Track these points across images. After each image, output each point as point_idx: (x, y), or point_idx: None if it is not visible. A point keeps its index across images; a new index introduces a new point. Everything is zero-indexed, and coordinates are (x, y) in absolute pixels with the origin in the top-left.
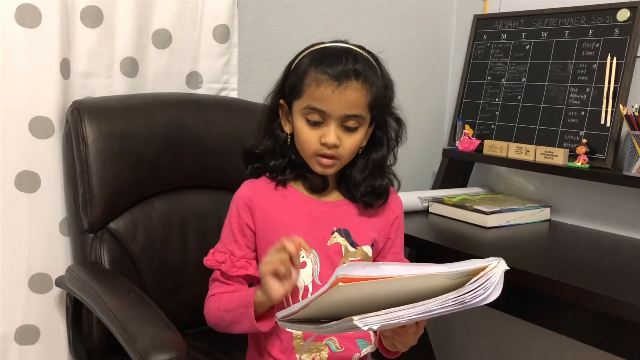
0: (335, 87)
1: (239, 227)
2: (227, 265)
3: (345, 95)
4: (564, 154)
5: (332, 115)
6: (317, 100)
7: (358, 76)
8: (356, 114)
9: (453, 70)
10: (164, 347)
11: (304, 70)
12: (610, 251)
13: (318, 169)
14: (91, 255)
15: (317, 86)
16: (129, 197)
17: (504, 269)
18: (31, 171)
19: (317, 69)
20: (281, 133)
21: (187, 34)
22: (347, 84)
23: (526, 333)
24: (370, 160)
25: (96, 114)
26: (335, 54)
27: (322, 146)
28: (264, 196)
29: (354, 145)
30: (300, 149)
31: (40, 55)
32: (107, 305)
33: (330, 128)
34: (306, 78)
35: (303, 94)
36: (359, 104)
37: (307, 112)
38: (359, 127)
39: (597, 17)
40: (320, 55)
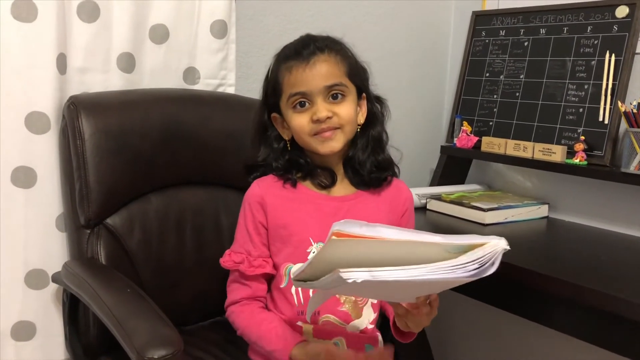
0: (305, 66)
1: (253, 226)
2: (245, 265)
3: (317, 69)
4: (562, 150)
5: (313, 91)
6: (294, 84)
7: (322, 50)
8: (335, 82)
9: (451, 67)
10: (160, 343)
11: (275, 71)
12: (608, 248)
13: (322, 148)
14: (88, 251)
15: (289, 74)
16: (126, 193)
17: (504, 248)
18: (27, 167)
19: (285, 62)
20: (277, 144)
21: (184, 30)
22: (314, 58)
23: (523, 330)
24: (370, 137)
25: (93, 110)
26: (296, 43)
27: (316, 124)
28: (274, 193)
29: (349, 112)
30: (299, 139)
31: (36, 50)
32: (103, 301)
33: (317, 104)
34: (279, 75)
35: (282, 89)
36: (334, 73)
37: (292, 102)
38: (346, 96)
39: (595, 14)
40: (283, 52)
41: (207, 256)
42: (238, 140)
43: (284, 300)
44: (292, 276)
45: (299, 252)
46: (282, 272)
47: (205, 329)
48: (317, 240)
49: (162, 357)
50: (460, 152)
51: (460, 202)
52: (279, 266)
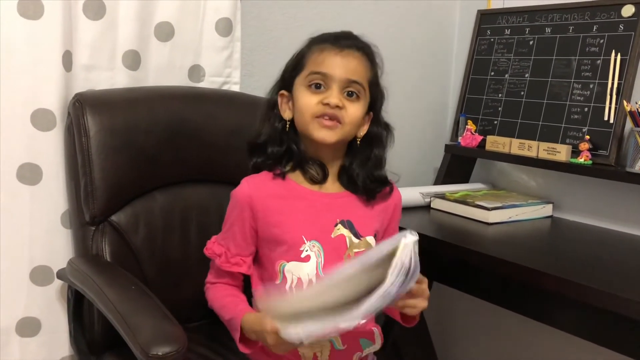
0: (338, 52)
1: (237, 224)
2: (222, 259)
3: (348, 60)
4: (567, 150)
5: (335, 77)
6: (320, 64)
7: (359, 48)
8: (358, 80)
9: (456, 66)
10: (165, 339)
11: (304, 48)
12: (613, 248)
13: (318, 134)
14: (93, 247)
15: (319, 53)
16: (131, 190)
17: (414, 241)
18: (33, 163)
19: (319, 44)
20: (278, 122)
21: (189, 27)
22: (350, 51)
23: (527, 329)
24: (371, 155)
25: (98, 107)
26: (336, 32)
27: (323, 106)
28: (264, 192)
29: (356, 114)
30: (299, 119)
31: (42, 48)
32: (108, 297)
33: (333, 90)
34: (307, 52)
35: (306, 65)
36: (361, 73)
37: (309, 80)
38: (360, 98)
39: (601, 13)
40: (320, 36)
41: None
42: (242, 137)
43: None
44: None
45: (292, 251)
46: (276, 269)
47: (209, 326)
48: (310, 238)
49: (167, 354)
50: (465, 151)
51: (464, 201)
52: (274, 263)
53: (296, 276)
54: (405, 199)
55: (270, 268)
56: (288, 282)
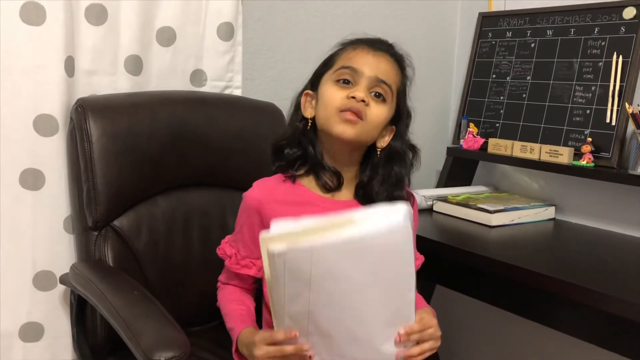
0: (371, 52)
1: (246, 227)
2: (232, 261)
3: (379, 60)
4: (569, 152)
5: (365, 74)
6: (352, 59)
7: (393, 55)
8: (387, 81)
9: (458, 68)
10: (167, 344)
11: (337, 49)
12: (615, 250)
13: (338, 127)
14: (95, 252)
15: (352, 50)
16: (133, 195)
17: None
18: (35, 169)
19: (353, 43)
20: (299, 122)
21: (191, 32)
22: (383, 54)
23: (530, 332)
24: (392, 173)
25: (100, 112)
26: (372, 36)
27: (348, 100)
28: (274, 196)
29: (380, 115)
30: (324, 110)
31: (44, 53)
32: (110, 302)
33: (360, 86)
34: (339, 51)
35: (336, 61)
36: (390, 76)
37: (338, 74)
38: (386, 102)
39: (603, 15)
40: (354, 37)
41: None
42: (244, 141)
43: None
44: None
45: None
46: None
47: (212, 330)
48: None
49: (169, 359)
50: (467, 154)
51: (466, 203)
52: None
53: None
54: None
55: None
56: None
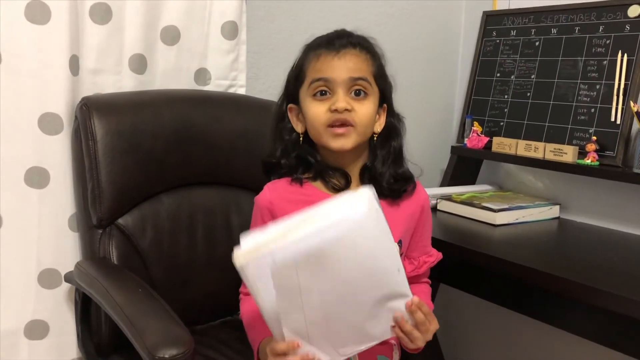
0: (334, 55)
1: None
2: None
3: (346, 60)
4: (574, 151)
5: (337, 80)
6: (319, 70)
7: (355, 45)
8: (361, 76)
9: (462, 67)
10: (171, 342)
11: (302, 58)
12: (620, 249)
13: (333, 143)
14: (100, 250)
15: (316, 60)
16: (138, 193)
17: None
18: (41, 167)
19: (314, 50)
20: (289, 135)
21: (195, 31)
22: (346, 50)
23: (534, 331)
24: (391, 149)
25: (105, 111)
26: (329, 34)
27: (332, 114)
28: (285, 198)
29: (367, 113)
30: (312, 130)
31: (49, 52)
32: (115, 300)
33: (338, 95)
34: (305, 62)
35: (306, 75)
36: (362, 69)
37: (313, 89)
38: (368, 95)
39: (607, 13)
40: (314, 41)
41: (218, 256)
42: (249, 140)
43: None
44: None
45: None
46: None
47: (216, 328)
48: None
49: (173, 357)
50: (471, 153)
51: (470, 202)
52: None
53: None
54: None
55: None
56: None
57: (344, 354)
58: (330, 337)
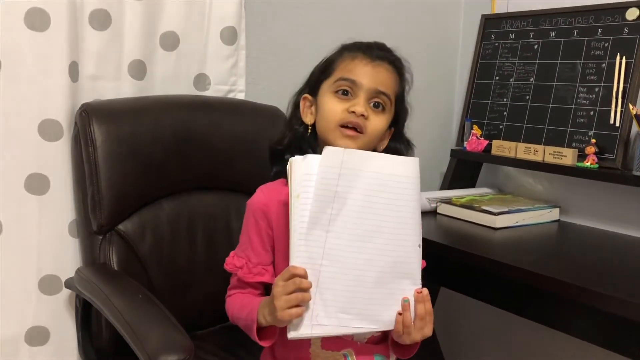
0: (369, 62)
1: (255, 233)
2: (244, 271)
3: (378, 71)
4: (573, 154)
5: (363, 86)
6: (351, 71)
7: (391, 61)
8: (386, 92)
9: (461, 71)
10: (172, 348)
11: (336, 54)
12: (620, 252)
13: (340, 142)
14: (100, 256)
15: (351, 60)
16: (138, 199)
17: None
18: (41, 173)
19: (352, 51)
20: (299, 126)
21: (194, 36)
22: (381, 63)
23: (535, 334)
24: None
25: (104, 117)
26: (369, 43)
27: (348, 114)
28: (279, 200)
29: (379, 126)
30: (323, 125)
31: (49, 59)
32: (115, 306)
33: (360, 99)
34: (338, 58)
35: (335, 71)
36: (389, 85)
37: (337, 86)
38: (385, 111)
39: (606, 16)
40: (353, 44)
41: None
42: (248, 145)
43: None
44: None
45: None
46: None
47: (217, 333)
48: None
49: None
50: (471, 156)
51: (470, 205)
52: None
53: None
54: None
55: None
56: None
57: (341, 324)
58: (338, 290)
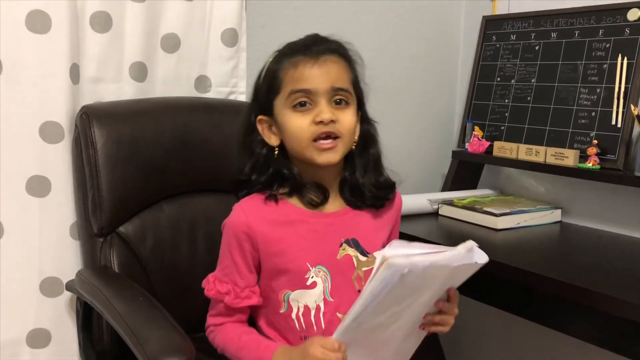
0: (314, 63)
1: (241, 256)
2: (231, 297)
3: (327, 68)
4: (575, 155)
5: (319, 91)
6: (299, 80)
7: (333, 51)
8: (342, 86)
9: (462, 72)
10: (172, 351)
11: (274, 66)
12: (623, 253)
13: (320, 158)
14: (101, 259)
15: (294, 69)
16: (138, 201)
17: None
18: (42, 176)
19: (290, 57)
20: (260, 149)
21: (195, 38)
22: (325, 57)
23: (537, 335)
24: (370, 157)
25: (105, 119)
26: (305, 39)
27: (317, 126)
28: (261, 219)
29: (351, 122)
30: (294, 145)
31: (50, 61)
32: (116, 309)
33: (321, 105)
34: (280, 70)
35: (282, 85)
36: (343, 77)
37: (292, 100)
38: (349, 104)
39: (607, 17)
40: (287, 47)
41: None
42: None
43: (285, 325)
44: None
45: (297, 280)
46: (280, 298)
47: None
48: (315, 264)
49: None
50: (472, 157)
51: (472, 207)
52: (277, 292)
53: (302, 304)
54: (413, 205)
55: (273, 297)
56: (294, 311)
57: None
58: (369, 343)
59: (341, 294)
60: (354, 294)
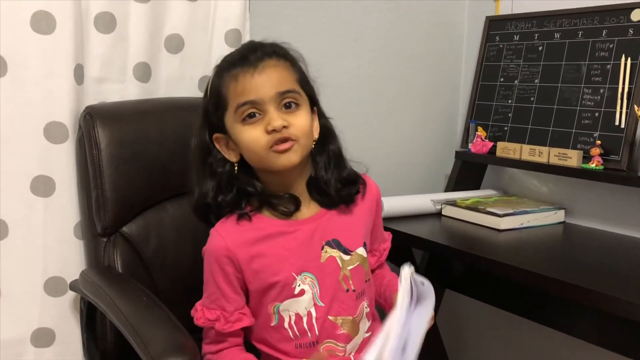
0: (253, 71)
1: (224, 281)
2: (221, 323)
3: (267, 74)
4: (578, 155)
5: (265, 99)
6: (242, 93)
7: (270, 55)
8: (288, 89)
9: (465, 72)
10: (176, 350)
11: (216, 82)
12: (626, 254)
13: (280, 161)
14: (104, 259)
15: (235, 82)
16: (142, 202)
17: (411, 272)
18: (46, 176)
19: (229, 70)
20: (222, 168)
21: (199, 39)
22: (263, 63)
23: (540, 335)
24: (330, 153)
25: (109, 119)
26: (240, 49)
27: (271, 135)
28: (240, 239)
29: (304, 123)
30: (252, 156)
31: (54, 62)
32: (119, 309)
33: (270, 113)
34: (222, 86)
35: (228, 101)
36: (286, 79)
37: (240, 114)
38: (300, 105)
39: (610, 18)
40: (225, 61)
41: None
42: None
43: (279, 336)
44: None
45: (285, 291)
46: (270, 311)
47: None
48: (300, 272)
49: None
50: (475, 158)
51: (475, 207)
52: (266, 306)
53: (293, 312)
54: (416, 206)
55: (263, 311)
56: (286, 321)
57: None
58: None
59: (330, 296)
60: (343, 295)
